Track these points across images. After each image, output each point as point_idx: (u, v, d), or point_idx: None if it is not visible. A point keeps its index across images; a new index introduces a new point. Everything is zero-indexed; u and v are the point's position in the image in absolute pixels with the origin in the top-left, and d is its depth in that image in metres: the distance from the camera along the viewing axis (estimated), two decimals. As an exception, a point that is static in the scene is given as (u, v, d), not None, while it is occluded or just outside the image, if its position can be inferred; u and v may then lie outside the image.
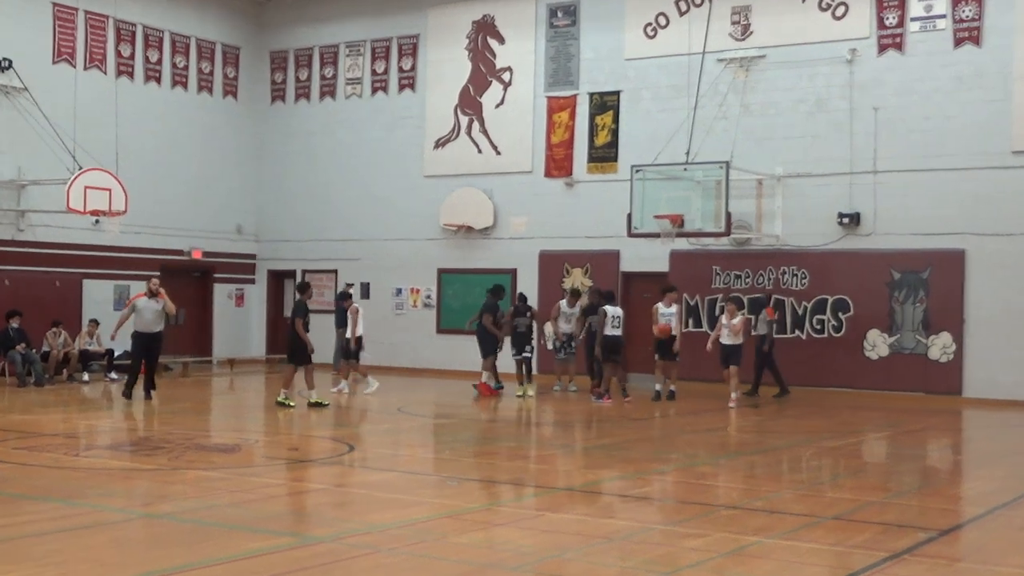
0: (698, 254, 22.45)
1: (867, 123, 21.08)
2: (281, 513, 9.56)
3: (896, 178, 20.82)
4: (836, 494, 10.80)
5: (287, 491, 10.67)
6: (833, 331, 21.23)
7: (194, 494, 10.15)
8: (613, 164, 23.42)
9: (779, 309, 21.47)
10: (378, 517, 9.22)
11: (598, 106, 23.70)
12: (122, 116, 24.63)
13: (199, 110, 26.66)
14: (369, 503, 10.01)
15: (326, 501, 10.30)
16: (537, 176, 24.38)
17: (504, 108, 24.90)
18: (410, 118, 25.98)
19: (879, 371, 20.78)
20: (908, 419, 17.76)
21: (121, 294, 24.64)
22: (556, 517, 9.40)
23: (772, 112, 21.91)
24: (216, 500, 9.86)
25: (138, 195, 23.43)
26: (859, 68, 21.17)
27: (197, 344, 26.62)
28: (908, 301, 20.64)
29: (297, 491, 10.71)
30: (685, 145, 20.95)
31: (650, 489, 11.07)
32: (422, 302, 25.63)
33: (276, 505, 9.88)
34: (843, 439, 15.19)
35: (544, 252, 24.16)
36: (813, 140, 21.54)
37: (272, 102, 27.93)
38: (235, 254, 27.51)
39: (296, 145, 27.50)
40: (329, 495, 10.55)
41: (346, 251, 26.62)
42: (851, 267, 21.10)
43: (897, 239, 20.77)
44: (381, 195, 26.21)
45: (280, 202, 27.70)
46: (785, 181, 21.61)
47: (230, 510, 9.44)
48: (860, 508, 9.98)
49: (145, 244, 25.10)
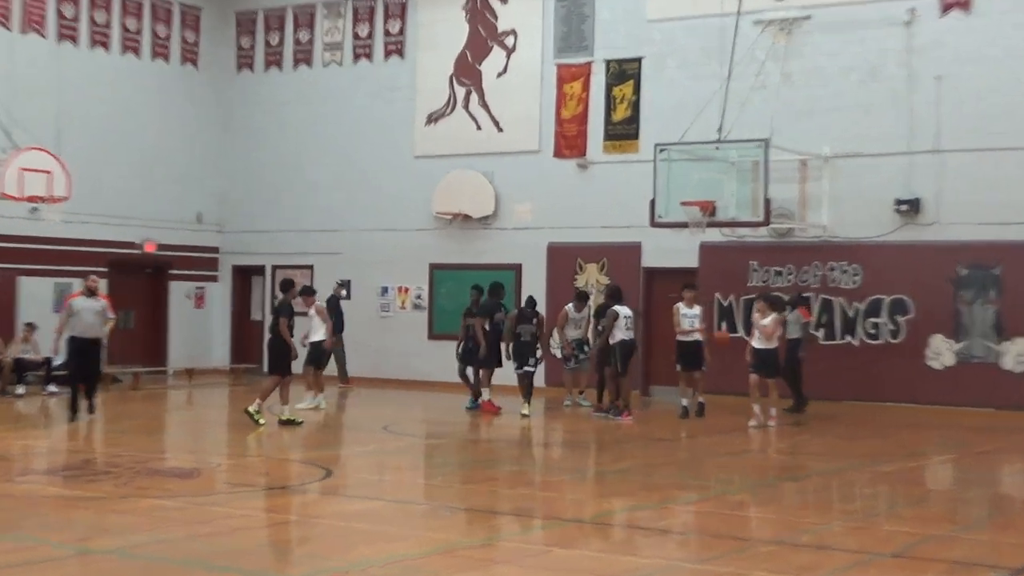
0: (732, 247, 22.40)
1: (928, 94, 21.01)
2: (247, 549, 9.51)
3: (962, 158, 20.75)
4: (893, 527, 10.74)
5: (254, 523, 10.62)
6: (890, 336, 21.18)
7: (145, 526, 10.09)
8: (633, 142, 23.37)
9: (827, 312, 21.43)
10: (359, 553, 9.17)
11: (616, 75, 23.66)
12: (64, 87, 24.61)
13: (153, 80, 26.63)
14: (349, 537, 9.96)
15: (299, 535, 10.24)
16: (545, 156, 24.34)
17: (507, 77, 24.86)
18: (398, 89, 25.95)
19: (943, 383, 20.72)
20: (977, 439, 17.70)
21: (62, 293, 24.60)
22: (566, 554, 9.34)
23: (817, 82, 21.84)
24: (171, 533, 9.80)
25: (82, 179, 23.40)
26: (918, 30, 21.11)
27: (150, 352, 26.59)
28: (977, 302, 20.58)
29: (265, 523, 10.66)
30: (717, 120, 20.88)
31: (676, 521, 11.02)
32: (411, 303, 25.59)
33: (241, 539, 9.83)
34: (901, 462, 15.13)
35: (553, 245, 24.12)
36: (865, 114, 21.48)
37: (238, 70, 27.90)
38: (195, 247, 27.49)
39: (266, 121, 27.47)
40: (302, 528, 10.50)
41: (324, 244, 26.60)
42: (910, 262, 21.04)
43: (964, 229, 20.70)
44: (364, 179, 26.18)
45: (247, 187, 27.68)
46: (833, 162, 21.55)
47: (187, 544, 9.38)
48: (921, 543, 9.92)
49: (90, 235, 25.09)
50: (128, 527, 10.06)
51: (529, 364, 19.64)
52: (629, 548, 9.80)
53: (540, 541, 10.01)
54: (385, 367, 25.19)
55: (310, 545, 9.77)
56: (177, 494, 11.61)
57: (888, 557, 9.31)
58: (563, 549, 9.51)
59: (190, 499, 11.38)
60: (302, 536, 10.19)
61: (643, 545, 9.94)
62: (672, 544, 10.02)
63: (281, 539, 10.10)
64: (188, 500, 11.31)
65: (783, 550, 9.54)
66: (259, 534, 10.21)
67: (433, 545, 9.51)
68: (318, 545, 9.73)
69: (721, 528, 10.67)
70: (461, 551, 9.32)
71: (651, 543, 9.99)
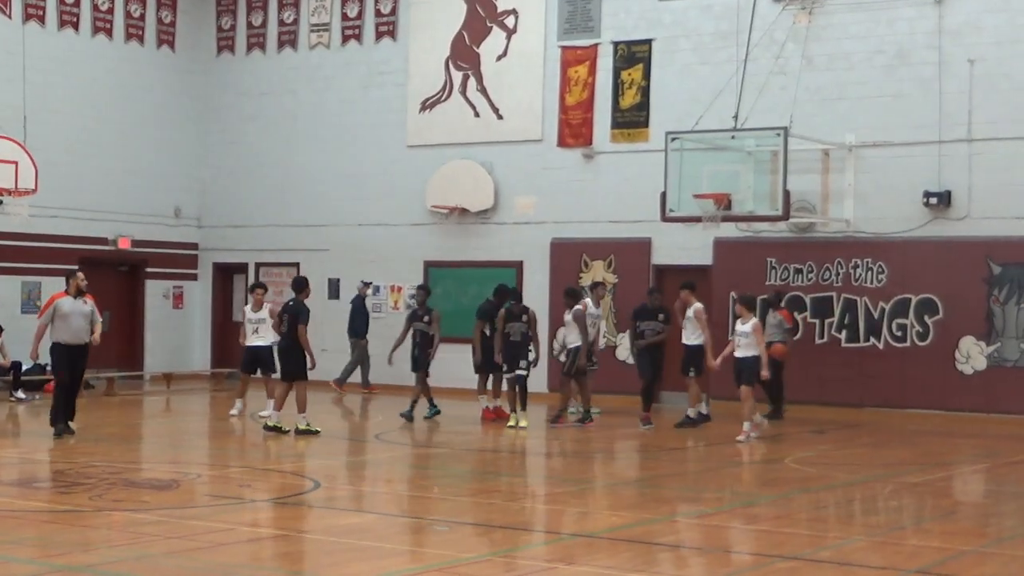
0: (749, 243, 22.45)
1: (960, 80, 21.05)
2: (229, 565, 9.56)
3: (996, 148, 20.80)
4: (921, 541, 10.79)
5: (237, 538, 10.66)
6: (917, 339, 21.22)
7: (121, 541, 10.14)
8: (643, 131, 23.42)
9: (850, 312, 21.48)
10: (350, 571, 9.21)
11: (625, 58, 23.70)
12: (31, 72, 24.63)
13: (127, 63, 26.67)
14: (338, 553, 10.01)
15: (285, 551, 10.29)
16: (548, 146, 24.39)
17: (507, 61, 24.91)
18: (390, 74, 25.99)
19: (974, 388, 20.77)
20: (1011, 448, 17.74)
21: (30, 293, 24.67)
22: (571, 570, 9.39)
23: (841, 66, 21.89)
24: (149, 549, 9.85)
25: (51, 170, 23.45)
26: (950, 10, 21.15)
27: (125, 356, 26.64)
28: (1011, 301, 20.63)
29: (249, 538, 10.69)
30: (733, 107, 20.94)
31: (688, 535, 11.07)
32: (404, 303, 25.62)
33: (223, 555, 9.88)
34: (929, 473, 15.17)
35: (557, 241, 24.17)
36: (893, 101, 21.52)
37: (218, 53, 27.94)
38: (172, 243, 27.54)
39: (248, 107, 27.52)
40: (289, 543, 10.54)
41: (310, 239, 26.64)
42: (940, 259, 21.09)
43: (998, 224, 20.75)
44: (354, 170, 26.21)
45: (228, 179, 27.72)
46: (858, 152, 21.60)
47: (166, 561, 9.43)
48: (951, 559, 9.96)
49: (60, 231, 25.13)
50: (104, 542, 10.12)
51: (520, 367, 19.08)
52: (638, 564, 9.82)
53: (543, 557, 10.04)
54: (376, 371, 25.18)
55: (298, 562, 9.81)
56: (155, 507, 11.64)
57: (915, 574, 9.37)
58: (568, 565, 9.55)
59: (169, 512, 11.42)
60: (289, 552, 10.23)
61: (653, 561, 9.99)
62: (684, 560, 10.06)
63: (267, 555, 10.13)
64: (167, 513, 11.35)
65: (803, 567, 9.58)
66: (243, 549, 10.24)
67: (429, 562, 9.56)
68: (306, 562, 9.78)
69: (737, 543, 10.73)
70: (459, 568, 9.37)
71: (662, 559, 10.04)
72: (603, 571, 9.42)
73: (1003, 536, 11.30)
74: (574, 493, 13.59)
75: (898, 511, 12.81)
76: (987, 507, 13.35)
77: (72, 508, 11.60)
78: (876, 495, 13.54)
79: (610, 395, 21.71)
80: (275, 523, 11.42)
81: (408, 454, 16.91)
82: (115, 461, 14.92)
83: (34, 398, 22.33)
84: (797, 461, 16.10)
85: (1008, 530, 11.66)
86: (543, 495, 13.63)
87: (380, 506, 12.61)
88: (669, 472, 15.13)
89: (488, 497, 12.93)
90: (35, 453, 16.13)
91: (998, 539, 11.10)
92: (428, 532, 11.06)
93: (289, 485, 13.56)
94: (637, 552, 10.32)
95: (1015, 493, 14.22)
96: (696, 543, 10.76)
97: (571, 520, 11.89)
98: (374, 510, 12.23)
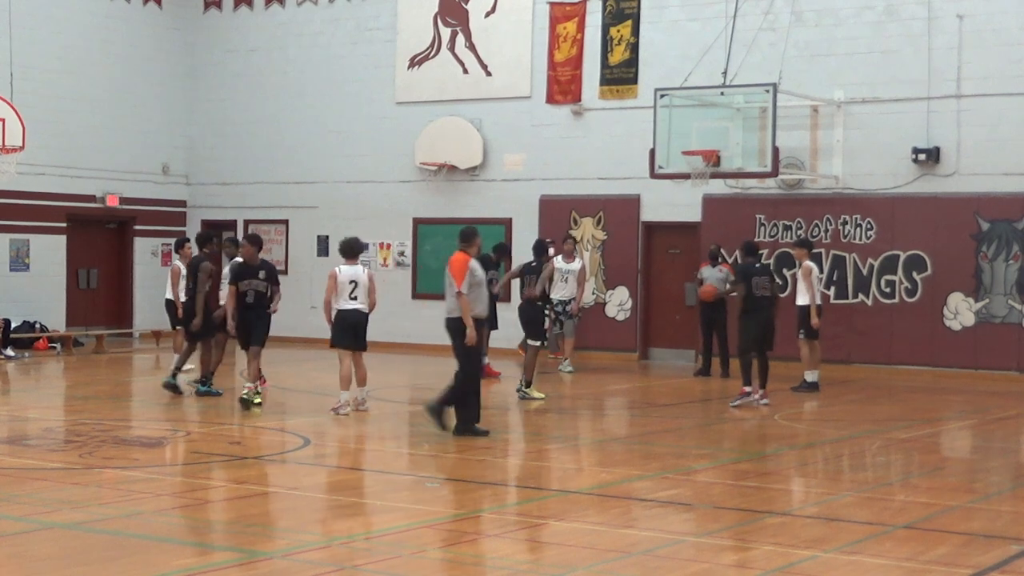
0: (737, 200, 22.43)
1: (949, 35, 20.99)
2: (219, 523, 9.57)
3: (985, 104, 20.77)
4: (908, 497, 10.84)
5: (227, 495, 10.68)
6: (905, 295, 21.25)
7: (111, 499, 10.15)
8: (632, 87, 23.35)
9: (838, 268, 21.49)
10: (340, 527, 9.22)
11: (613, 14, 23.59)
12: (17, 28, 24.45)
13: (114, 20, 26.49)
14: (329, 510, 10.02)
15: (276, 507, 10.30)
16: (537, 103, 24.31)
17: (496, 17, 24.78)
18: (378, 30, 25.86)
19: (962, 345, 20.82)
20: (999, 404, 17.79)
21: (19, 250, 24.58)
22: (561, 527, 9.42)
23: (830, 22, 21.81)
24: (139, 506, 9.86)
25: (39, 127, 23.32)
26: (940, -34, 21.09)
27: (113, 313, 26.62)
28: (999, 258, 20.64)
29: (239, 495, 10.68)
30: (722, 63, 20.85)
31: (678, 492, 11.09)
32: (394, 260, 25.61)
33: (213, 512, 9.88)
34: (917, 429, 15.24)
35: (546, 198, 24.13)
36: (881, 57, 21.47)
37: (205, 9, 27.77)
38: (161, 200, 27.45)
39: (236, 64, 27.38)
40: (279, 500, 10.56)
41: (299, 197, 26.57)
42: (928, 215, 21.09)
43: (986, 180, 20.74)
44: (342, 127, 26.13)
45: (216, 136, 27.61)
46: (846, 108, 21.56)
47: (156, 519, 9.44)
48: (938, 515, 10.01)
49: (47, 188, 25.03)
50: (93, 499, 10.12)
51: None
52: (629, 520, 9.86)
53: (534, 513, 10.06)
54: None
55: (288, 518, 9.82)
56: (145, 464, 11.66)
57: (902, 528, 9.40)
58: (558, 521, 9.58)
59: (159, 469, 11.45)
60: (279, 509, 10.23)
61: (644, 517, 10.01)
62: (675, 516, 10.08)
63: (257, 512, 10.12)
64: (156, 471, 11.37)
65: (791, 522, 9.62)
66: (233, 507, 10.25)
67: (419, 518, 9.56)
68: (296, 518, 9.78)
69: (726, 499, 10.75)
70: (449, 524, 9.38)
71: (652, 515, 10.06)
72: (593, 527, 9.44)
73: (990, 492, 11.34)
74: (564, 450, 13.60)
75: (886, 467, 12.86)
76: (974, 463, 13.40)
77: (62, 466, 11.60)
78: (864, 451, 13.58)
79: (600, 351, 21.73)
80: (264, 480, 11.42)
81: (401, 411, 16.91)
82: (105, 419, 14.92)
83: (23, 355, 22.32)
84: (786, 417, 16.13)
85: (995, 486, 11.70)
86: (534, 451, 13.63)
87: (370, 463, 12.61)
88: (659, 429, 15.15)
89: (479, 454, 12.93)
90: (24, 411, 16.12)
91: (985, 495, 11.14)
92: (418, 489, 11.06)
93: (279, 442, 13.56)
94: (627, 508, 10.34)
95: (1002, 449, 14.29)
96: (685, 499, 10.78)
97: (561, 477, 11.90)
98: (364, 467, 12.23)
